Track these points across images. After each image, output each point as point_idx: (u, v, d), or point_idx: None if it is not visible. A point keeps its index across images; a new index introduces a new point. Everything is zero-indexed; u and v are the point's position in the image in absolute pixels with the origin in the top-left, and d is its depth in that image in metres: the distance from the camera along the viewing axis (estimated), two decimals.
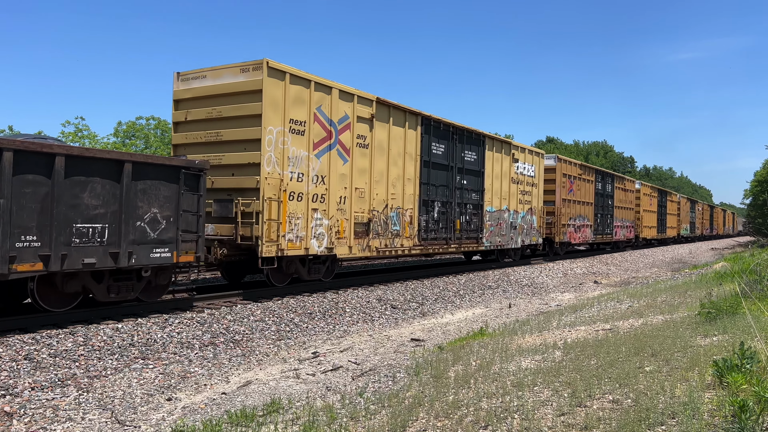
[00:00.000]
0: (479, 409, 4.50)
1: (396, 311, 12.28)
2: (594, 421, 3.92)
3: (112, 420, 5.58)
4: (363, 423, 4.66)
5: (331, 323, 10.65)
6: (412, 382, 5.94)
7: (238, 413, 5.37)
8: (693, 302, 9.13)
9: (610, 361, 5.45)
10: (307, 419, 4.94)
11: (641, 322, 7.84)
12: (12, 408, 5.66)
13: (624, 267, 26.48)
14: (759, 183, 45.25)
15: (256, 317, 9.89)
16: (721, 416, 3.65)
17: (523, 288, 17.44)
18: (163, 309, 9.52)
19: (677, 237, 47.52)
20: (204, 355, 8.08)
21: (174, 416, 5.73)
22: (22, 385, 6.23)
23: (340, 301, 11.90)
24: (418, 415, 4.62)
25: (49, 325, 8.02)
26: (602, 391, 4.53)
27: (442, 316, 12.41)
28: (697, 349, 5.50)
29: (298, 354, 8.53)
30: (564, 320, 9.40)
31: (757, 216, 48.14)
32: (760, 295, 8.07)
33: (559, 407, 4.32)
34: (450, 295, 14.66)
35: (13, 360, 6.76)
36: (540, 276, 19.78)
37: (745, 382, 4.04)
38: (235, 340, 8.83)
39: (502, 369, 5.86)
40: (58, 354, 7.12)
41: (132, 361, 7.43)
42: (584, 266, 24.01)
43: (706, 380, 4.46)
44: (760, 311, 6.81)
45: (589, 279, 21.08)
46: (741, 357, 4.33)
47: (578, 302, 13.34)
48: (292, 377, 7.17)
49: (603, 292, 15.86)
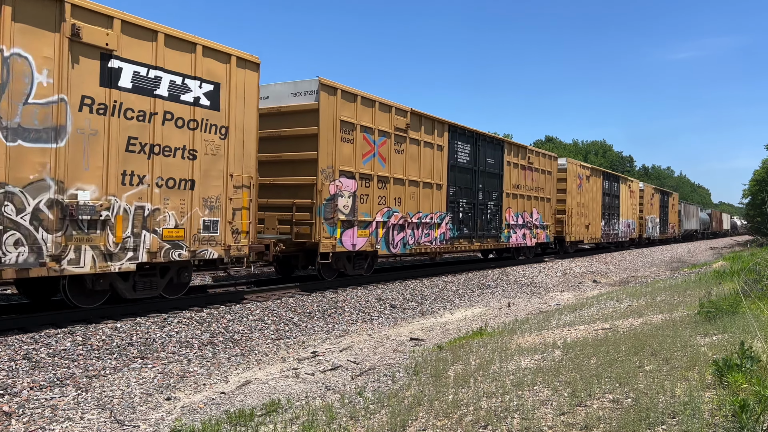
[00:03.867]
0: (479, 409, 4.49)
1: (395, 310, 12.27)
2: (594, 420, 3.92)
3: (110, 420, 5.57)
4: (362, 422, 4.65)
5: (331, 322, 10.65)
6: (412, 382, 5.93)
7: (237, 413, 5.36)
8: (692, 301, 9.13)
9: (609, 361, 5.44)
10: (307, 419, 4.93)
11: (641, 322, 7.84)
12: (11, 408, 5.64)
13: (623, 266, 26.50)
14: (757, 182, 45.31)
15: (256, 317, 9.88)
16: (721, 416, 3.65)
17: (522, 287, 17.44)
18: (163, 308, 9.52)
19: (638, 239, 37.81)
20: (203, 354, 8.06)
21: (173, 416, 5.71)
22: (20, 384, 6.22)
23: (339, 300, 11.89)
24: (418, 414, 4.61)
25: (47, 324, 8.00)
26: (602, 391, 4.53)
27: (441, 315, 12.40)
28: (697, 349, 5.50)
29: (298, 353, 8.52)
30: (563, 319, 9.39)
31: (756, 215, 48.17)
32: (759, 294, 8.06)
33: (559, 406, 4.31)
34: (449, 295, 14.66)
35: (12, 359, 6.74)
36: (539, 275, 19.78)
37: (746, 381, 4.03)
38: (235, 340, 8.82)
39: (502, 368, 5.85)
40: (56, 353, 7.10)
41: (131, 360, 7.41)
42: (583, 265, 24.01)
43: (706, 379, 4.45)
44: (760, 310, 6.81)
45: (588, 278, 21.08)
46: (741, 356, 4.33)
47: (577, 301, 13.33)
48: (291, 377, 7.16)
49: (602, 292, 15.86)
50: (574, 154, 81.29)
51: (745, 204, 56.52)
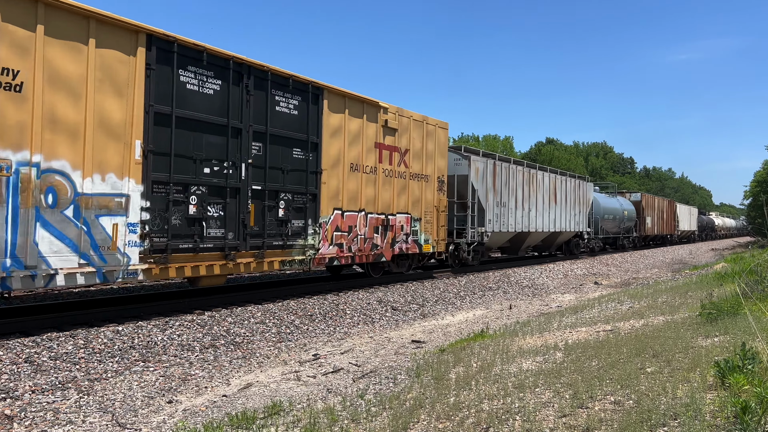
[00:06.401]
0: (480, 411, 4.50)
1: (396, 313, 12.27)
2: (596, 422, 3.92)
3: (112, 423, 5.57)
4: (364, 425, 4.65)
5: (332, 325, 10.65)
6: (413, 384, 5.93)
7: (239, 415, 5.36)
8: (694, 303, 9.12)
9: (611, 362, 5.44)
10: (308, 421, 4.93)
11: (642, 323, 7.83)
12: (12, 411, 5.65)
13: (624, 268, 26.47)
14: (759, 183, 45.25)
15: (257, 319, 9.88)
16: (723, 417, 3.65)
17: (523, 289, 17.43)
18: (164, 311, 9.52)
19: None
20: (205, 357, 8.07)
21: (175, 419, 5.72)
22: (22, 388, 6.22)
23: (340, 302, 11.89)
24: (420, 416, 4.61)
25: (49, 327, 8.01)
26: (604, 393, 4.52)
27: (442, 317, 12.40)
28: (698, 350, 5.50)
29: (299, 356, 8.52)
30: (565, 321, 9.39)
31: (757, 216, 48.12)
32: (760, 296, 8.06)
33: (560, 408, 4.31)
34: (450, 297, 14.65)
35: (14, 363, 6.75)
36: (540, 277, 19.78)
37: (747, 383, 4.03)
38: (236, 342, 8.82)
39: (503, 370, 5.85)
40: (58, 357, 7.11)
41: (132, 363, 7.42)
42: (584, 267, 24.00)
43: (707, 381, 4.45)
44: (761, 312, 6.80)
45: (589, 280, 21.06)
46: (742, 358, 4.33)
47: (579, 303, 13.32)
48: (292, 379, 7.16)
49: (603, 293, 15.84)
50: (575, 155, 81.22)
51: (747, 205, 56.48)
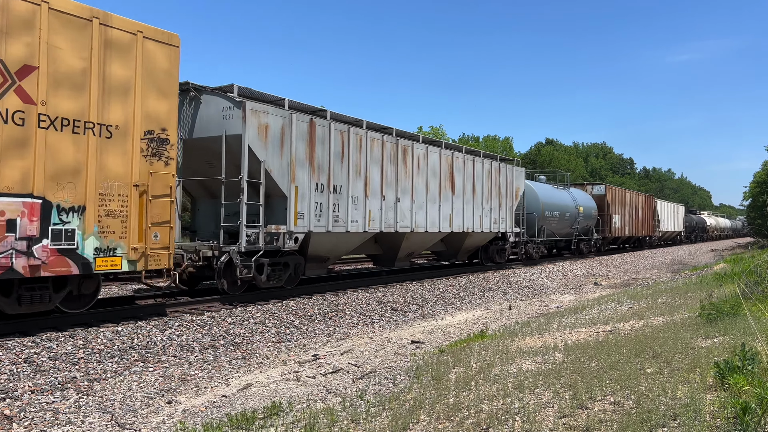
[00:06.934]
0: (480, 411, 4.49)
1: (396, 313, 12.27)
2: (595, 422, 3.91)
3: (112, 423, 5.57)
4: (364, 425, 4.65)
5: (331, 325, 10.64)
6: (413, 385, 5.93)
7: (238, 416, 5.36)
8: (693, 303, 9.13)
9: (611, 363, 5.44)
10: (308, 422, 4.93)
11: (642, 324, 7.83)
12: (12, 411, 5.64)
13: (624, 269, 26.47)
14: (758, 184, 45.25)
15: (256, 320, 9.88)
16: (723, 418, 3.64)
17: (523, 290, 17.42)
18: (163, 311, 9.52)
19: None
20: (204, 357, 8.06)
21: (174, 419, 5.71)
22: (22, 388, 6.22)
23: (339, 303, 11.89)
24: (419, 417, 4.61)
25: (48, 328, 8.01)
26: (603, 393, 4.52)
27: (442, 318, 12.40)
28: (698, 351, 5.50)
29: (299, 356, 8.51)
30: (564, 322, 9.39)
31: (757, 217, 48.13)
32: (760, 297, 8.07)
33: (560, 409, 4.31)
34: (450, 297, 14.65)
35: (13, 363, 6.75)
36: (540, 278, 19.77)
37: (747, 383, 4.03)
38: (235, 343, 8.82)
39: (503, 371, 5.85)
40: (58, 357, 7.10)
41: (132, 364, 7.41)
42: (584, 268, 23.99)
43: (707, 382, 4.45)
44: (761, 312, 6.81)
45: (589, 280, 21.06)
46: (742, 358, 4.33)
47: (578, 304, 13.32)
48: (292, 380, 7.15)
49: (603, 294, 15.85)
50: (575, 156, 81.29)
51: (746, 206, 56.47)
